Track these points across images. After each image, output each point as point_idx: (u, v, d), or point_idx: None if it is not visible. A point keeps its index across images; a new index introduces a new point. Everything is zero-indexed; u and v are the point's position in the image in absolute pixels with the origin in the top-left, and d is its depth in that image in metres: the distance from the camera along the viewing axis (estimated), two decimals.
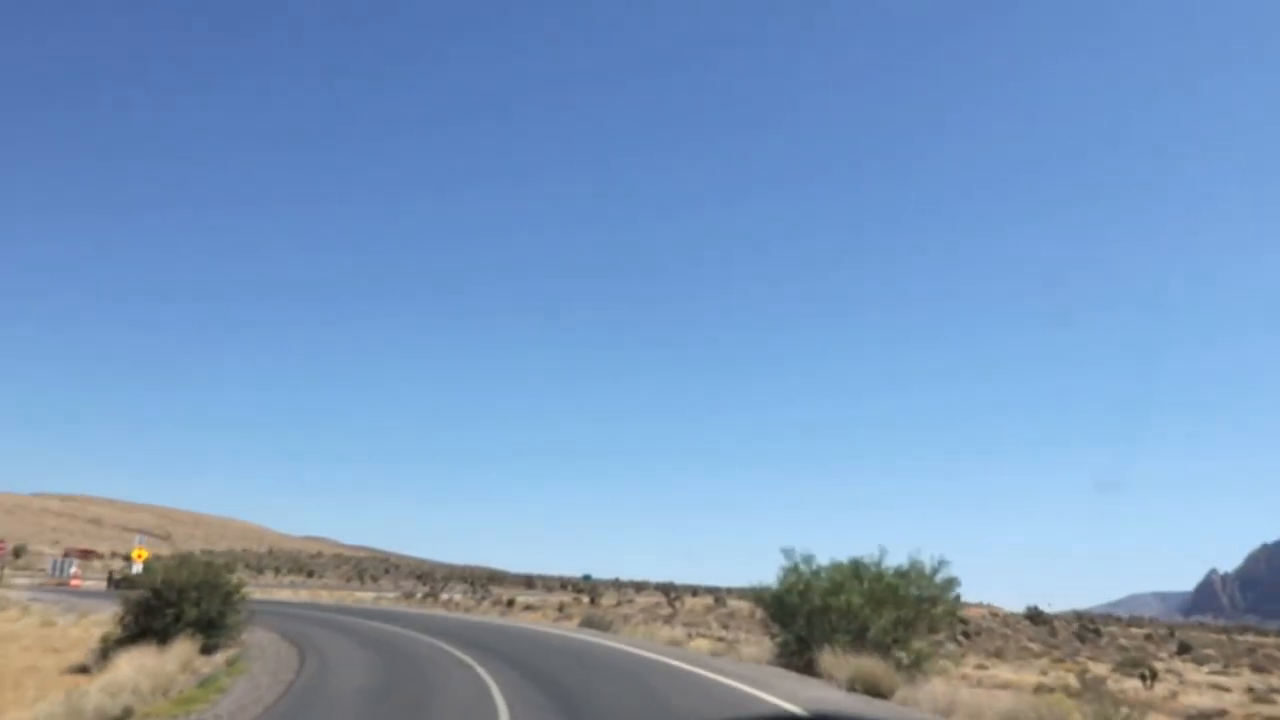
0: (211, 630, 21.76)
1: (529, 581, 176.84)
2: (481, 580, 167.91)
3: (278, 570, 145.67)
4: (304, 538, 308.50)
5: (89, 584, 59.46)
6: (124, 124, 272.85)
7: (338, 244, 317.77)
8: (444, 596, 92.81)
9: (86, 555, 58.87)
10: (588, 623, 38.74)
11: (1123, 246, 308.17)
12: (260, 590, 63.31)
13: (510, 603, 72.85)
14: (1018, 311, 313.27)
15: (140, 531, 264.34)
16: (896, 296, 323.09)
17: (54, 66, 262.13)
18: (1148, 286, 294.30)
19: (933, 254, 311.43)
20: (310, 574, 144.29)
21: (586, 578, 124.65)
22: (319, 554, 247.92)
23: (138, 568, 55.33)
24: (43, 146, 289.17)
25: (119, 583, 56.54)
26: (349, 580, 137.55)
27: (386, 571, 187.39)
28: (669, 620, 68.58)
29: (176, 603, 21.42)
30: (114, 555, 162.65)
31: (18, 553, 71.67)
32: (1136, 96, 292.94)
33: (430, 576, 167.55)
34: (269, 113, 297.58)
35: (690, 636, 37.42)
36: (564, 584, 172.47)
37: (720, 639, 36.82)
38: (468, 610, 58.55)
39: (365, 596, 79.09)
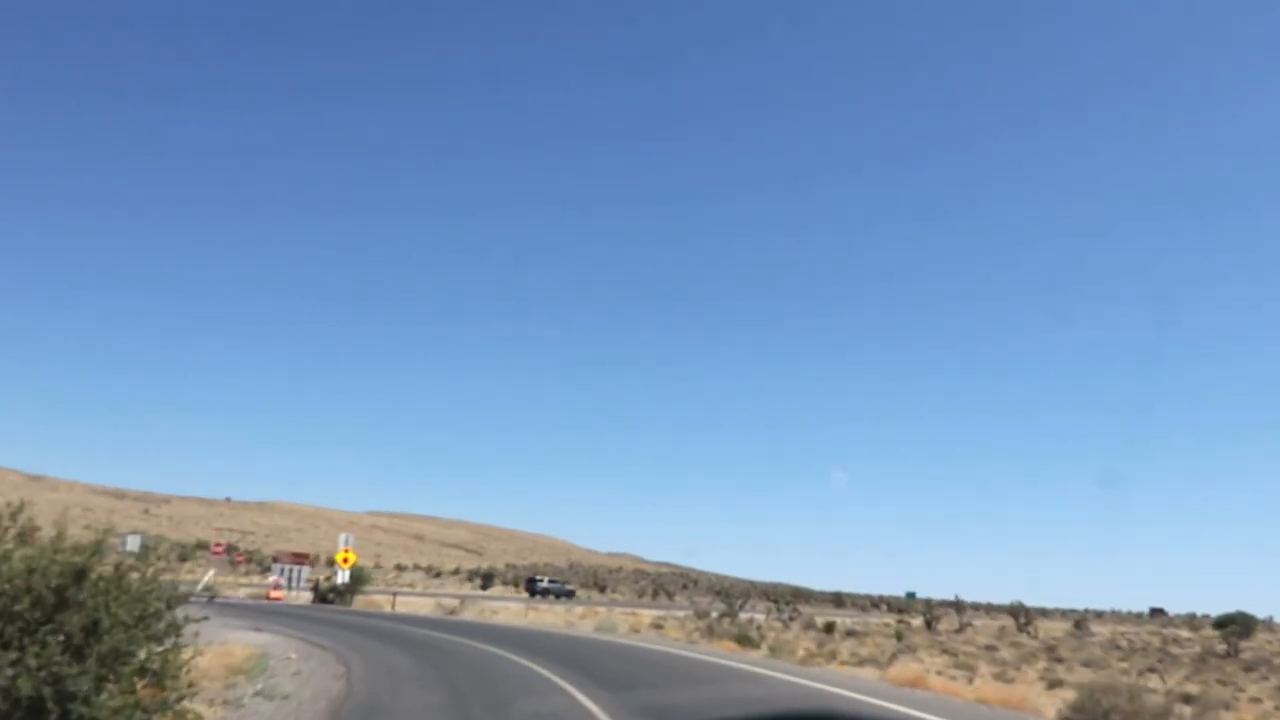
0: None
1: (838, 599, 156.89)
2: (785, 598, 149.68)
3: (568, 584, 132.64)
4: (609, 553, 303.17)
5: (294, 596, 45.86)
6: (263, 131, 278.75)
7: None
8: (744, 616, 74.80)
9: (300, 560, 45.20)
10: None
11: (1128, 243, 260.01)
12: (508, 611, 47.43)
13: (829, 628, 53.47)
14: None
15: (456, 545, 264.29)
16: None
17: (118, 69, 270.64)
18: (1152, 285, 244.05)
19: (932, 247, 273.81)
20: (603, 588, 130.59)
21: (910, 595, 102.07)
22: (619, 569, 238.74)
23: (344, 575, 40.67)
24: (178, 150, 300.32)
25: (325, 595, 42.45)
26: (641, 595, 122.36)
27: (684, 587, 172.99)
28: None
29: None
30: (378, 566, 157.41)
31: (250, 558, 61.31)
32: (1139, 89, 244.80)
33: (729, 593, 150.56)
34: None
35: None
36: (874, 602, 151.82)
37: None
38: (775, 649, 39.65)
39: (645, 618, 61.61)
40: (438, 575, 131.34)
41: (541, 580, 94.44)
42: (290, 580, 45.67)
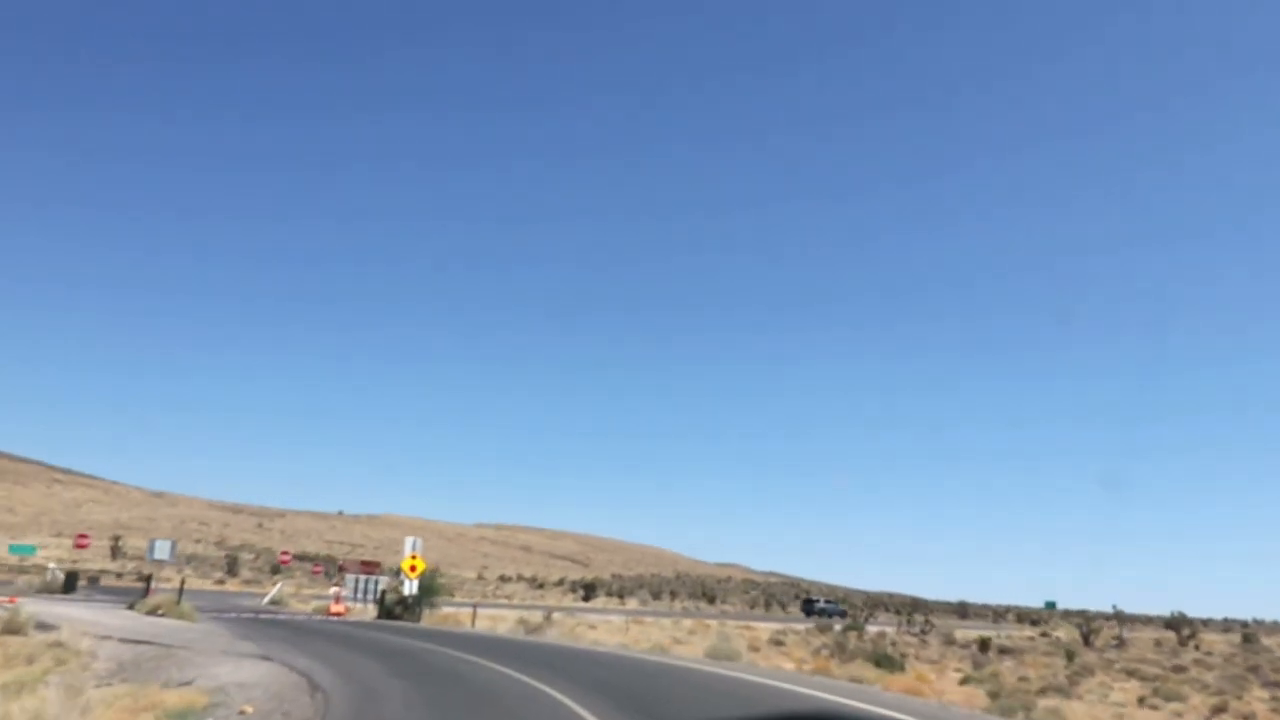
0: None
1: (961, 609, 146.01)
2: (905, 609, 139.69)
3: (674, 595, 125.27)
4: (717, 564, 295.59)
5: (362, 610, 39.66)
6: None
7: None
8: (872, 629, 66.40)
9: (369, 569, 38.96)
10: None
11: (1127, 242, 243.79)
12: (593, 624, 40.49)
13: (984, 645, 44.92)
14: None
15: (562, 557, 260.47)
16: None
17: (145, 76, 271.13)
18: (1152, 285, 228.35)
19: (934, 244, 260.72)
20: (712, 599, 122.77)
21: (1050, 605, 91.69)
22: (728, 579, 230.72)
23: (412, 585, 34.16)
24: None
25: (391, 609, 36.07)
26: (753, 607, 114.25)
27: (796, 598, 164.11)
28: None
29: None
30: (481, 578, 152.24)
31: (341, 569, 55.88)
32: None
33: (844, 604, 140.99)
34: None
35: None
36: (1000, 613, 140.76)
37: None
38: (921, 676, 31.78)
39: (762, 633, 54.02)
40: (540, 586, 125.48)
41: (818, 600, 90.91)
42: (359, 592, 39.53)
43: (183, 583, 28.10)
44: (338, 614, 36.59)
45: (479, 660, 18.23)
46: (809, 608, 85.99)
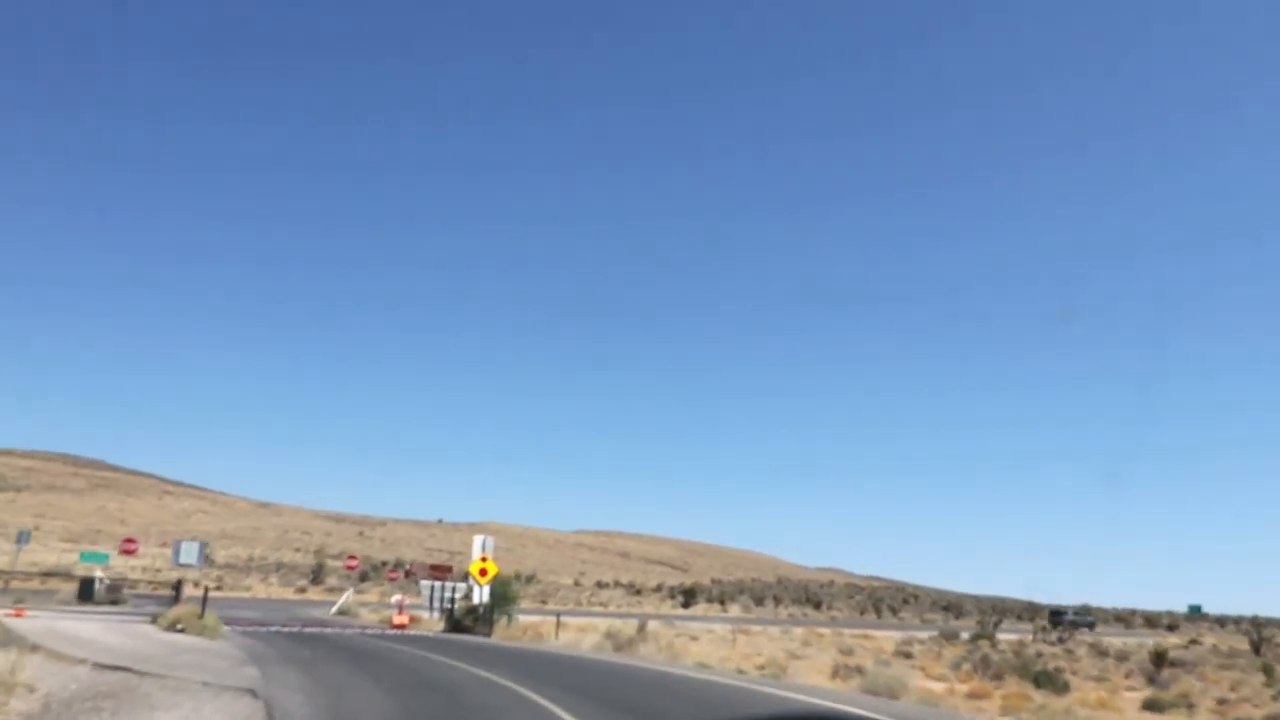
0: None
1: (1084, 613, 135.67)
2: (1018, 614, 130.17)
3: (778, 600, 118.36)
4: (817, 568, 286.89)
5: (432, 620, 34.52)
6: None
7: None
8: (1001, 637, 59.03)
9: (440, 574, 33.73)
10: None
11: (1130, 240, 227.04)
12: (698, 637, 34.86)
13: (1159, 659, 37.53)
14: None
15: (660, 562, 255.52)
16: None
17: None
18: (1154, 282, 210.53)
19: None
20: (818, 605, 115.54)
21: (1195, 610, 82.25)
22: (830, 583, 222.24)
23: (482, 591, 28.76)
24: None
25: (460, 621, 30.80)
26: (862, 613, 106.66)
27: (905, 602, 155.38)
28: None
29: None
30: (578, 584, 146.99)
31: (408, 573, 51.09)
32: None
33: (958, 609, 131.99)
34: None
35: None
36: (1119, 616, 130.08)
37: None
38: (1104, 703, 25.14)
39: (884, 643, 47.51)
40: (638, 592, 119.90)
41: (1066, 613, 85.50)
42: (434, 600, 34.38)
43: (206, 591, 23.25)
44: (400, 626, 31.50)
45: (542, 701, 12.52)
46: (1057, 619, 79.47)
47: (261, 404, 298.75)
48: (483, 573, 28.72)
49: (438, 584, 35.59)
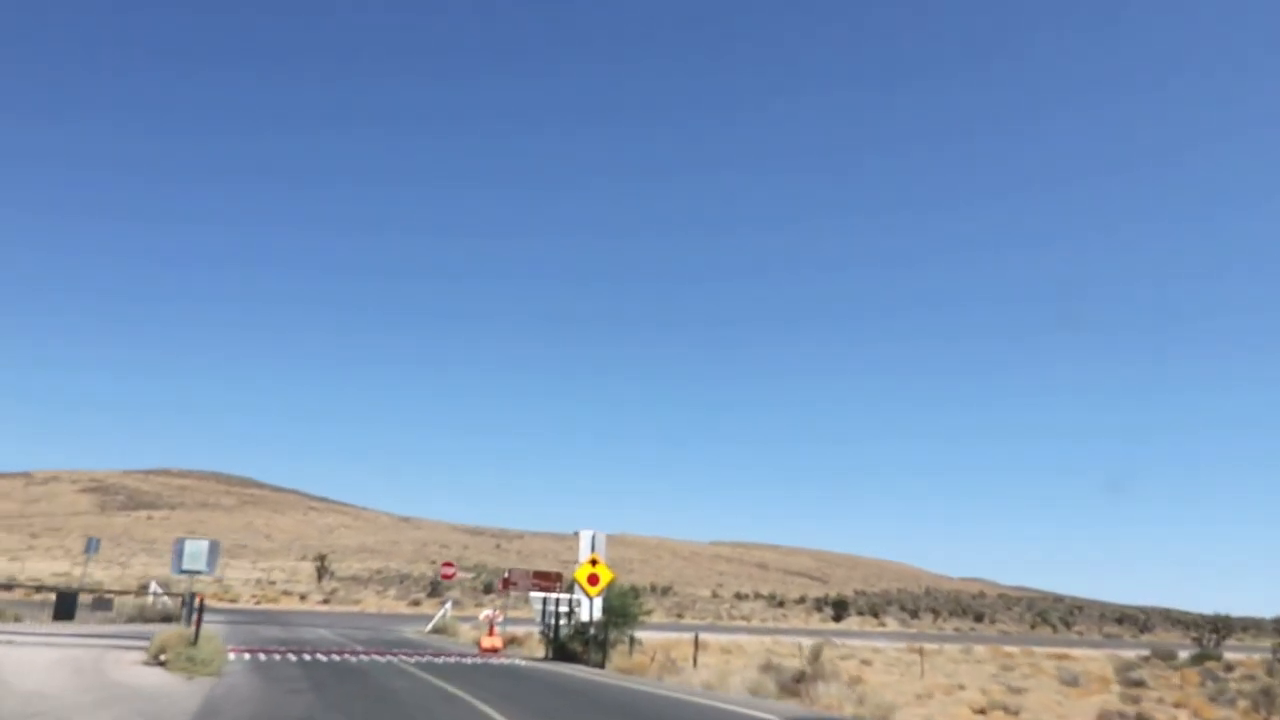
0: None
1: (1223, 625, 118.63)
2: (1204, 626, 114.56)
3: (935, 613, 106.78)
4: (961, 579, 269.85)
5: (533, 640, 26.71)
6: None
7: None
8: (1229, 656, 47.75)
9: (547, 584, 25.73)
10: None
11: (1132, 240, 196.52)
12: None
13: None
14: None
15: (799, 573, 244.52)
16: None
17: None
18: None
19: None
20: (978, 618, 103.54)
21: None
22: (980, 594, 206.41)
23: (593, 606, 20.64)
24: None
25: (564, 645, 22.83)
26: (1033, 627, 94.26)
27: (1071, 613, 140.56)
28: None
29: None
30: (716, 595, 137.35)
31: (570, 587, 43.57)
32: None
33: (1138, 622, 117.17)
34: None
35: None
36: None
37: None
38: None
39: (1090, 666, 37.39)
40: (780, 604, 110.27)
41: None
42: (544, 616, 26.54)
43: (201, 603, 15.90)
44: (491, 650, 23.77)
45: None
46: None
47: (404, 420, 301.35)
48: (592, 580, 20.72)
49: (540, 595, 27.74)
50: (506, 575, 29.99)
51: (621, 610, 21.61)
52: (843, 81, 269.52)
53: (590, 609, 21.16)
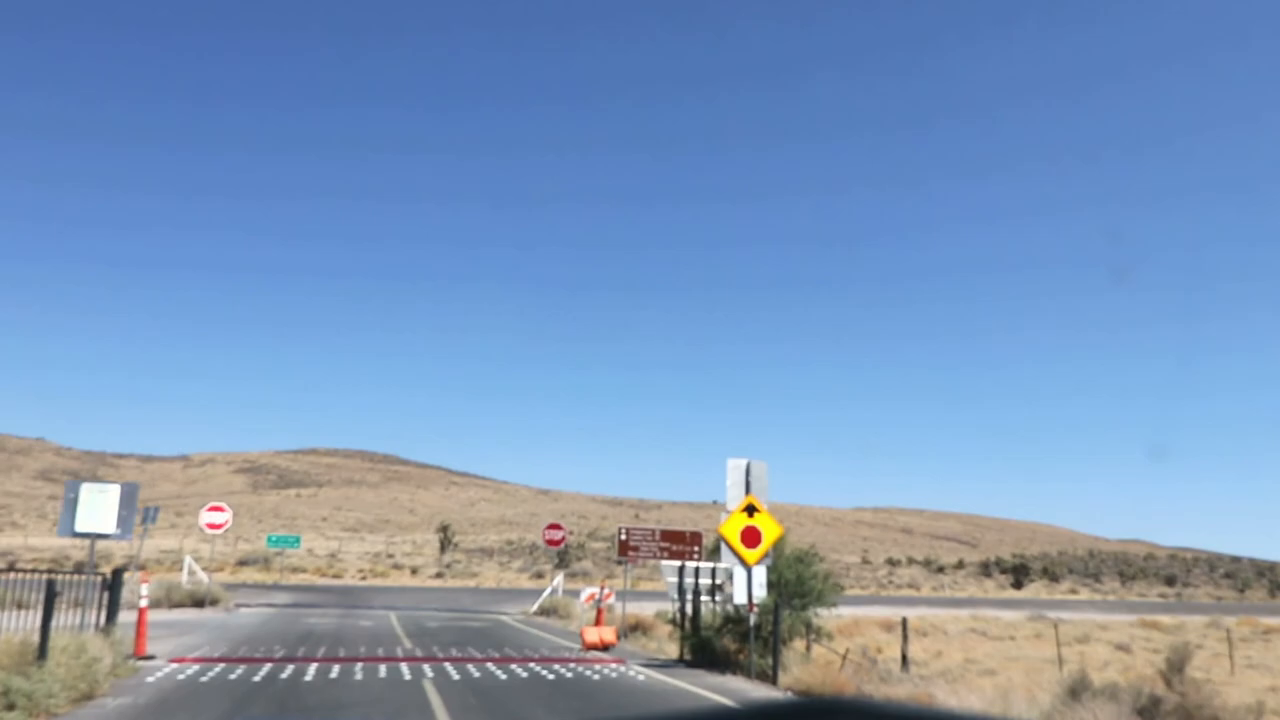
0: None
1: None
2: None
3: (1123, 578, 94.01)
4: (1119, 540, 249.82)
5: (664, 634, 18.35)
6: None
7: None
8: None
9: (679, 549, 17.15)
10: None
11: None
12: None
13: None
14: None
15: (946, 538, 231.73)
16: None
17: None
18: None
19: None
20: (1170, 581, 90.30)
21: None
22: (1149, 556, 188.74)
23: (750, 577, 11.90)
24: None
25: (706, 641, 14.34)
26: (1242, 591, 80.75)
27: (1260, 575, 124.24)
28: None
29: None
30: (866, 562, 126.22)
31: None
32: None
33: None
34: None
35: None
36: None
37: None
38: None
39: None
40: (940, 570, 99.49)
41: None
42: (682, 592, 18.23)
43: (114, 581, 7.81)
44: (597, 646, 15.57)
45: None
46: None
47: (545, 395, 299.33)
48: (749, 538, 12.23)
49: (668, 564, 19.43)
50: (624, 536, 21.63)
51: (797, 584, 13.03)
52: (862, 56, 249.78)
53: (748, 583, 12.60)
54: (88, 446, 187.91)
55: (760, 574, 12.74)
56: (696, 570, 17.49)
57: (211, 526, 24.21)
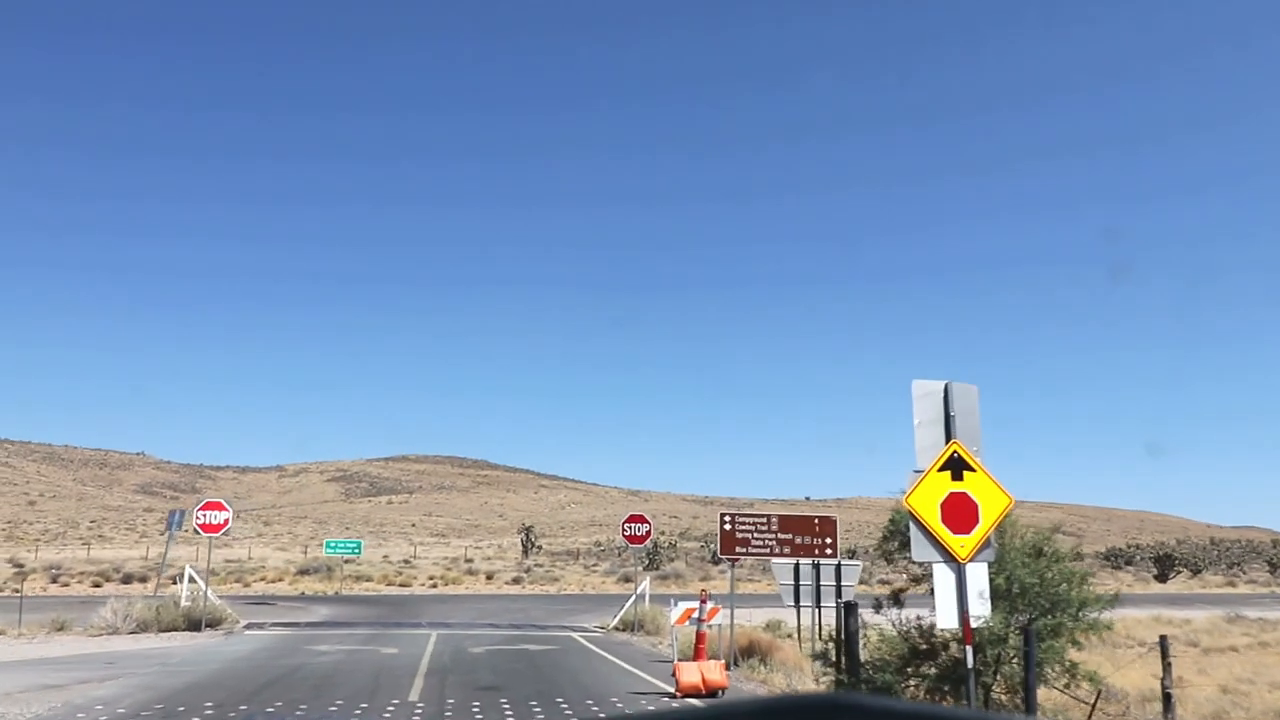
0: None
1: None
2: None
3: (1274, 568, 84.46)
4: (1234, 527, 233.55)
5: (794, 652, 12.79)
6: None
7: None
8: None
9: (798, 543, 11.57)
10: None
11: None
12: None
13: None
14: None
15: (1049, 527, 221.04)
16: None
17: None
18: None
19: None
20: None
21: None
22: (1275, 544, 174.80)
23: (961, 580, 6.08)
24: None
25: (887, 685, 8.72)
26: None
27: None
28: None
29: None
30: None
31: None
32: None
33: None
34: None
35: None
36: None
37: None
38: None
39: None
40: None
41: None
42: (798, 597, 12.72)
43: None
44: (695, 691, 10.15)
45: None
46: None
47: (632, 395, 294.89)
48: (956, 513, 6.80)
49: (788, 563, 13.77)
50: (728, 525, 15.84)
51: (1041, 592, 7.44)
52: (858, 58, 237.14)
53: (957, 591, 7.04)
54: (186, 460, 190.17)
55: (979, 575, 7.15)
56: (816, 570, 11.90)
57: (207, 529, 19.47)
